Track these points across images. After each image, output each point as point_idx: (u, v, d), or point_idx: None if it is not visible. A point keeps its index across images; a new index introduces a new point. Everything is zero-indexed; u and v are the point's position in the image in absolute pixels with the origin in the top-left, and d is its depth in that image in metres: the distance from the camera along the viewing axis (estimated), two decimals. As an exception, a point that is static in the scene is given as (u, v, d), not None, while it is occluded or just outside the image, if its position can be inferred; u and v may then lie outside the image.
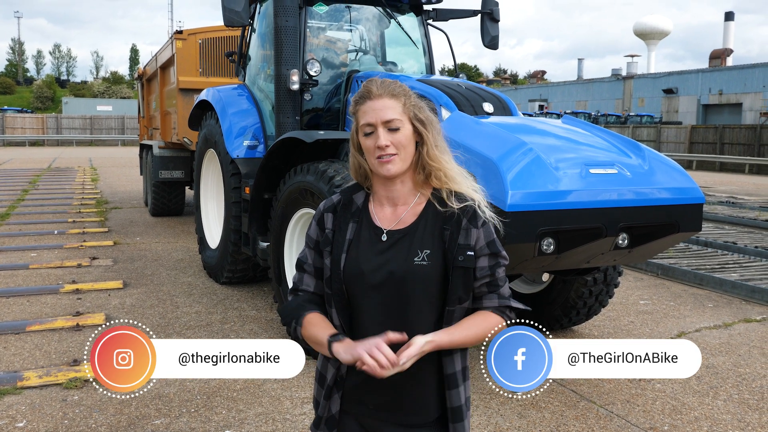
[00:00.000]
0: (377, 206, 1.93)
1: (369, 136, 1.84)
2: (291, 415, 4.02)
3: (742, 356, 5.19)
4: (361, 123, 1.85)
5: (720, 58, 51.47)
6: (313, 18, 6.24)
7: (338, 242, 1.89)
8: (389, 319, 1.83)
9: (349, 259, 1.87)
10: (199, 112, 7.48)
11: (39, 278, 7.19)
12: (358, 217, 1.92)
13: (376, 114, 1.83)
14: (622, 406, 4.25)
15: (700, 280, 7.49)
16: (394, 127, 1.83)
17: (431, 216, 1.89)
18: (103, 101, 64.90)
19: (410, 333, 1.78)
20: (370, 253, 1.86)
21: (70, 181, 19.09)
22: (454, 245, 1.84)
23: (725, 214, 13.34)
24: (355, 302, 1.88)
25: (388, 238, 1.87)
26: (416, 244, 1.85)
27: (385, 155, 1.82)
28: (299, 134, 5.10)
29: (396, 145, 1.82)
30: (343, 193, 1.98)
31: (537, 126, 4.98)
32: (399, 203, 1.91)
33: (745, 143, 32.26)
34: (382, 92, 1.85)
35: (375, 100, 1.84)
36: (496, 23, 6.56)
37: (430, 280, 1.83)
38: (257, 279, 7.04)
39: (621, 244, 4.15)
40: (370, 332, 1.80)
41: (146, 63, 13.68)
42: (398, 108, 1.85)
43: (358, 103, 1.88)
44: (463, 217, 1.86)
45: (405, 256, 1.84)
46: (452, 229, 1.85)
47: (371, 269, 1.84)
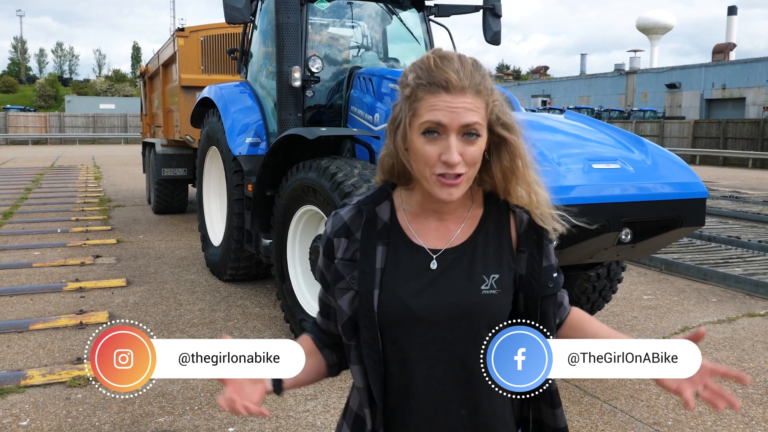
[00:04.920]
0: (415, 220, 1.44)
1: (432, 138, 1.31)
2: (294, 412, 4.02)
3: (745, 351, 5.18)
4: (426, 119, 1.31)
5: (723, 53, 51.36)
6: (314, 14, 6.23)
7: (365, 273, 1.39)
8: (452, 374, 1.38)
9: (386, 295, 1.38)
10: (201, 109, 7.48)
11: (42, 276, 7.21)
12: (388, 236, 1.42)
13: (453, 115, 1.30)
14: (626, 401, 4.24)
15: (703, 274, 7.48)
16: (472, 133, 1.32)
17: (492, 228, 1.44)
18: (105, 99, 64.97)
19: (480, 387, 1.36)
20: (417, 284, 1.38)
21: (73, 180, 19.12)
22: (538, 269, 1.42)
23: (729, 208, 13.32)
24: (393, 354, 1.39)
25: (439, 263, 1.40)
26: (479, 266, 1.39)
27: (450, 174, 1.31)
28: (301, 131, 5.10)
29: (468, 161, 1.32)
30: (362, 205, 1.46)
31: (539, 121, 4.97)
32: (447, 217, 1.44)
33: (748, 138, 32.18)
34: (467, 84, 1.31)
35: (456, 96, 1.31)
36: (498, 19, 6.54)
37: (500, 313, 1.39)
38: (260, 276, 7.04)
39: (624, 240, 4.14)
40: (422, 395, 1.38)
41: (148, 61, 13.69)
42: (482, 109, 1.34)
43: (423, 89, 1.32)
44: (542, 232, 1.45)
45: (467, 284, 1.38)
46: (531, 250, 1.43)
47: (422, 305, 1.36)
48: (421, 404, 1.39)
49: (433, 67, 1.32)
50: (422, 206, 1.44)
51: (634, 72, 51.84)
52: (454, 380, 1.38)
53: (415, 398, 1.39)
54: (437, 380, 1.38)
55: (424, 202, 1.43)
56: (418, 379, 1.38)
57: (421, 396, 1.38)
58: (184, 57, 9.82)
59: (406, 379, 1.39)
